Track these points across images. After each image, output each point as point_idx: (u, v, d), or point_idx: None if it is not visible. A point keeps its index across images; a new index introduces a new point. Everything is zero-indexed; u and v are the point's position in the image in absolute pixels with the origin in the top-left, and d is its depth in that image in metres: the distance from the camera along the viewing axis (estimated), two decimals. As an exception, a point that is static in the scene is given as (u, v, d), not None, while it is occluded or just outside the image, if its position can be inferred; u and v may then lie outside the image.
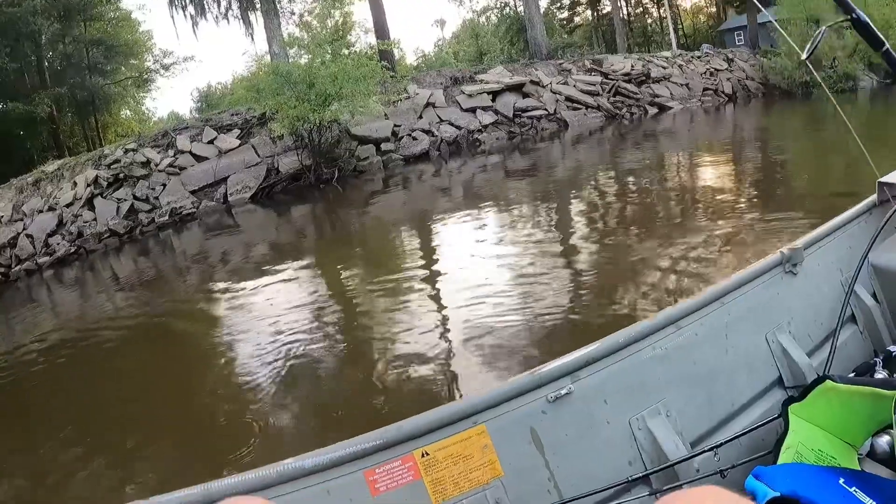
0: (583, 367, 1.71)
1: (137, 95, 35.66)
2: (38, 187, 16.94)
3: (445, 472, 1.52)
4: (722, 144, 15.45)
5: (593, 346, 1.75)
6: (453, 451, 1.54)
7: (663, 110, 22.96)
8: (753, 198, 8.86)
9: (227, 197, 17.04)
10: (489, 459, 1.56)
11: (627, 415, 1.74)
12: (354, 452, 1.47)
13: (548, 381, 1.66)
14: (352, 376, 5.18)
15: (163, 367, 6.67)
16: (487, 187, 13.95)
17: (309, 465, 1.43)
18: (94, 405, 5.83)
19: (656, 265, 6.21)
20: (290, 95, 16.23)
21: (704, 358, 1.91)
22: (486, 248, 8.29)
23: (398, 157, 18.68)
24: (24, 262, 14.69)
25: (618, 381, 1.75)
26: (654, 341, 1.83)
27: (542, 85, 22.15)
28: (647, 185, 11.36)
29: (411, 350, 5.32)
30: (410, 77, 21.97)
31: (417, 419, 1.54)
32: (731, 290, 2.04)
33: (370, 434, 1.51)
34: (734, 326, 2.00)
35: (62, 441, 5.01)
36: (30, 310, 11.72)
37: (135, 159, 17.30)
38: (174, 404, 5.49)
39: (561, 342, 4.75)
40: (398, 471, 1.49)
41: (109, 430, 5.08)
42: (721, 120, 21.15)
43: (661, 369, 1.82)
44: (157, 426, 5.01)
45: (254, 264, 10.76)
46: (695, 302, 1.95)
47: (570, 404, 1.67)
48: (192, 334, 7.89)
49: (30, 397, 6.62)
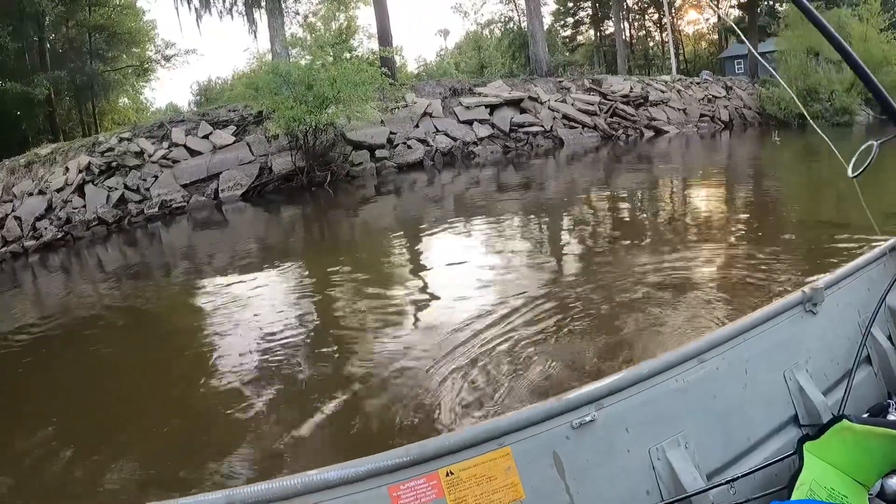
0: (607, 396, 1.74)
1: (137, 84, 35.57)
2: (30, 170, 16.88)
3: (468, 493, 1.53)
4: (715, 172, 15.54)
5: (618, 375, 1.78)
6: (477, 472, 1.55)
7: (659, 134, 23.10)
8: (739, 229, 8.93)
9: (218, 193, 17.01)
10: (512, 482, 1.57)
11: (647, 444, 1.77)
12: (379, 468, 1.48)
13: (573, 408, 1.69)
14: (324, 369, 5.31)
15: (140, 355, 6.72)
16: (479, 200, 13.98)
17: (333, 478, 1.44)
18: (72, 391, 5.88)
19: (638, 287, 6.28)
20: (287, 96, 16.26)
21: (724, 392, 1.94)
22: (470, 263, 8.30)
23: (392, 164, 18.72)
24: (10, 245, 14.60)
25: (640, 410, 1.78)
26: (677, 373, 1.86)
27: (540, 101, 22.25)
28: (637, 208, 11.47)
29: (386, 350, 5.49)
30: (409, 85, 22.02)
31: (443, 438, 1.56)
32: (753, 326, 2.07)
33: (396, 451, 1.52)
34: (754, 362, 2.03)
35: (34, 419, 5.10)
36: (13, 294, 11.67)
37: (129, 149, 17.27)
38: (149, 390, 5.59)
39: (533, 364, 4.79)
40: (422, 488, 1.50)
41: (84, 413, 5.18)
42: (716, 147, 21.31)
43: (682, 401, 1.85)
44: (130, 408, 5.12)
45: (240, 262, 10.79)
46: (718, 336, 1.98)
47: (594, 431, 1.70)
48: (171, 326, 7.87)
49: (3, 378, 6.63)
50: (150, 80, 36.27)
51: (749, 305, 5.32)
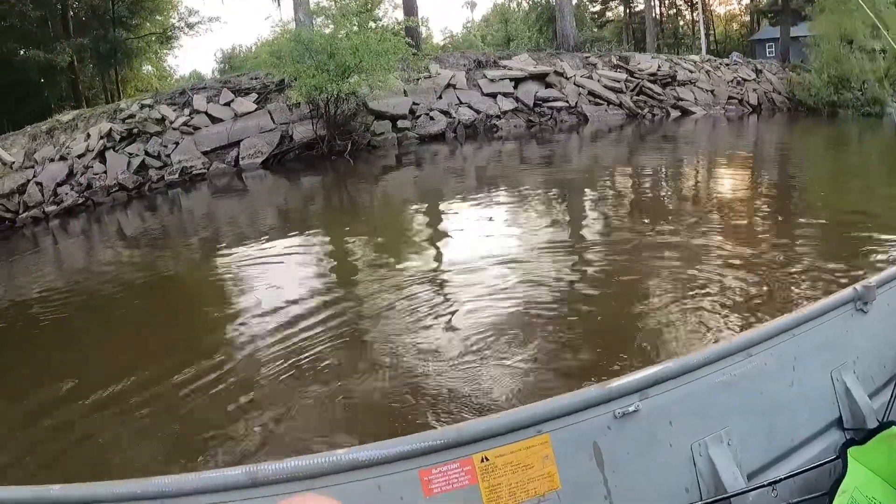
0: (652, 386, 1.67)
1: (160, 52, 35.52)
2: (52, 136, 16.88)
3: (503, 480, 1.48)
4: (742, 157, 15.13)
5: (664, 364, 1.72)
6: (513, 459, 1.50)
7: (686, 114, 22.72)
8: (764, 218, 8.67)
9: (238, 160, 17.00)
10: (549, 471, 1.53)
11: (690, 439, 1.71)
12: (411, 450, 1.44)
13: (616, 397, 1.63)
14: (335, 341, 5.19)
15: (154, 319, 6.74)
16: (501, 174, 13.84)
17: (363, 458, 1.41)
18: (85, 353, 5.94)
19: (660, 273, 6.12)
20: (309, 64, 16.09)
21: (770, 389, 1.89)
22: (490, 238, 8.17)
23: (413, 135, 18.59)
24: (31, 210, 14.64)
25: (684, 403, 1.72)
26: (724, 367, 1.80)
27: (565, 77, 21.94)
28: (660, 191, 11.23)
29: (397, 328, 5.37)
30: (433, 56, 21.78)
31: (479, 422, 1.51)
32: (803, 322, 2.00)
33: (429, 433, 1.48)
34: (802, 360, 1.97)
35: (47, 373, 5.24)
36: (34, 258, 11.74)
37: (150, 115, 17.26)
38: (159, 352, 5.55)
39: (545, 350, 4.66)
40: (455, 473, 1.46)
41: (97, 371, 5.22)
42: (743, 131, 20.87)
43: (727, 396, 1.79)
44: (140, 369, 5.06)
45: (258, 229, 10.82)
46: (766, 330, 1.91)
47: (636, 422, 1.64)
48: (188, 292, 7.91)
49: (21, 338, 6.68)
50: (173, 48, 36.18)
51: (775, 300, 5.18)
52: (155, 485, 1.35)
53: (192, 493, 1.35)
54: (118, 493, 1.36)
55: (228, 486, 1.36)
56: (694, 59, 26.68)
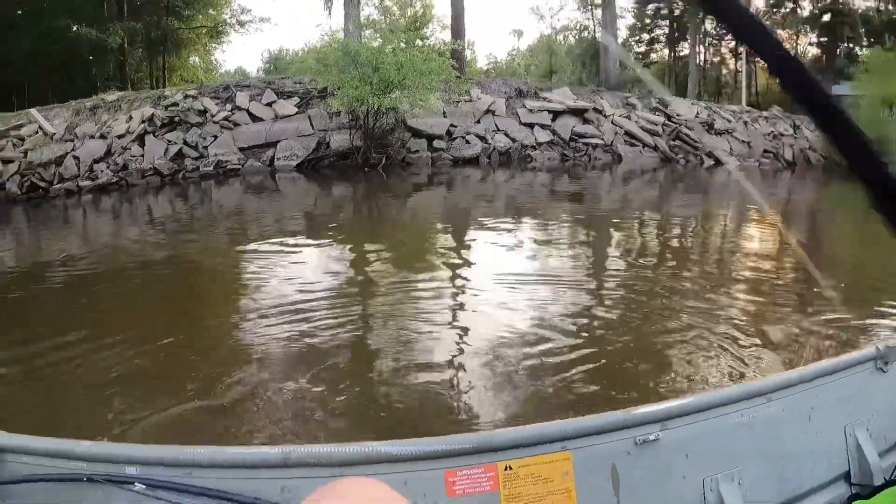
0: (673, 418, 1.71)
1: (208, 45, 35.99)
2: (95, 114, 17.20)
3: (523, 490, 1.52)
4: (772, 212, 14.95)
5: (686, 399, 1.76)
6: (535, 471, 1.54)
7: (719, 164, 22.63)
8: (788, 272, 8.60)
9: (273, 161, 17.24)
10: (566, 487, 1.56)
11: (703, 473, 1.73)
12: (440, 451, 1.49)
13: (639, 424, 1.67)
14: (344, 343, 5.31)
15: (172, 303, 6.98)
16: (530, 205, 13.87)
17: (394, 452, 1.46)
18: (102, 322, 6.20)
19: (678, 320, 6.09)
20: (354, 75, 16.31)
21: (785, 435, 1.92)
22: (513, 267, 8.14)
23: (448, 156, 18.72)
24: (65, 182, 14.95)
25: (702, 438, 1.75)
26: (744, 408, 1.84)
27: (604, 114, 22.00)
28: (688, 239, 11.17)
29: (410, 340, 5.43)
30: (476, 81, 21.93)
31: (507, 432, 1.56)
32: (823, 374, 2.03)
33: (459, 436, 1.54)
34: (819, 411, 2.00)
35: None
36: (63, 229, 12.02)
37: (192, 106, 17.57)
38: (171, 331, 5.73)
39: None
40: (479, 478, 1.50)
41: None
42: (777, 186, 20.62)
43: (744, 436, 1.82)
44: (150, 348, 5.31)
45: (284, 228, 11.03)
46: (787, 378, 1.95)
47: (655, 451, 1.67)
48: (207, 281, 8.13)
49: (40, 304, 6.93)
50: (222, 43, 36.70)
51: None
52: (187, 453, 1.41)
53: (225, 465, 1.40)
54: (149, 456, 1.42)
55: (260, 463, 1.41)
56: (733, 108, 26.62)
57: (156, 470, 1.40)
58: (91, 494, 1.40)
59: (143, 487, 1.35)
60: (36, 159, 15.00)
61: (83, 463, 1.42)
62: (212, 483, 1.38)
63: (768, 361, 5.04)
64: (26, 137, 15.56)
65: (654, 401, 1.77)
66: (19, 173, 14.67)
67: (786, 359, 5.14)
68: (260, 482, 1.40)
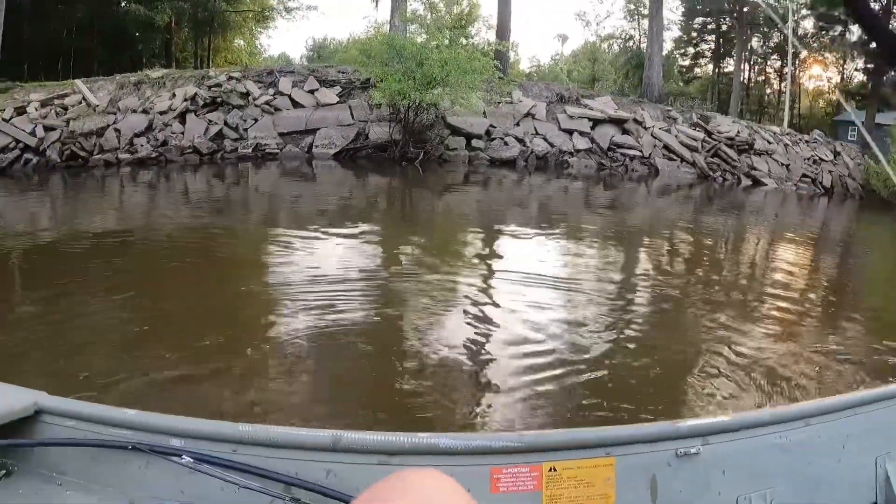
0: (715, 434, 1.71)
1: (254, 29, 36.37)
2: (139, 89, 17.44)
3: (564, 492, 1.53)
4: (807, 238, 14.55)
5: (727, 416, 1.76)
6: (578, 475, 1.55)
7: (757, 184, 22.39)
8: (819, 301, 8.47)
9: (311, 148, 17.39)
10: (607, 493, 1.57)
11: (738, 492, 1.73)
12: (488, 447, 1.49)
13: (682, 437, 1.67)
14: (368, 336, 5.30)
15: (200, 281, 7.01)
16: (564, 211, 13.84)
17: (442, 445, 1.46)
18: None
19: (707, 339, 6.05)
20: (397, 69, 16.37)
21: (819, 461, 1.89)
22: (543, 270, 8.10)
23: (485, 156, 18.73)
24: (105, 153, 15.23)
25: (740, 456, 1.74)
26: (782, 430, 1.83)
27: (644, 126, 21.86)
28: (720, 260, 11.01)
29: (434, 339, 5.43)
30: (518, 83, 21.89)
31: (555, 434, 1.57)
32: (862, 403, 2.01)
33: (507, 434, 1.54)
34: (853, 440, 1.97)
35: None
36: (99, 199, 12.31)
37: (235, 88, 17.78)
38: (197, 310, 5.86)
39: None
40: (524, 476, 1.51)
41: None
42: (813, 212, 20.32)
43: (779, 458, 1.82)
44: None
45: (319, 216, 11.08)
46: (825, 404, 1.94)
47: (694, 464, 1.67)
48: (237, 262, 8.17)
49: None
50: (268, 28, 37.06)
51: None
52: (234, 429, 1.40)
53: (271, 445, 1.41)
54: (196, 429, 1.41)
55: (308, 445, 1.41)
56: (774, 129, 26.30)
57: (201, 444, 1.40)
58: (134, 463, 1.42)
59: (190, 460, 1.36)
60: (78, 129, 15.28)
61: (127, 431, 1.43)
62: (257, 461, 1.39)
63: (805, 386, 4.99)
64: (70, 107, 15.84)
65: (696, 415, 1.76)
66: (60, 141, 14.93)
67: (818, 385, 5.08)
68: (306, 464, 1.41)
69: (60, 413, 1.47)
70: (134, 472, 1.42)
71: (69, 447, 1.43)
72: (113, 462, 1.43)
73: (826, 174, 24.77)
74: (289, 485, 1.38)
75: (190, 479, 1.38)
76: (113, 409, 1.44)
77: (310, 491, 1.38)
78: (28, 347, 4.64)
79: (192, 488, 1.39)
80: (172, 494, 1.40)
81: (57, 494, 1.41)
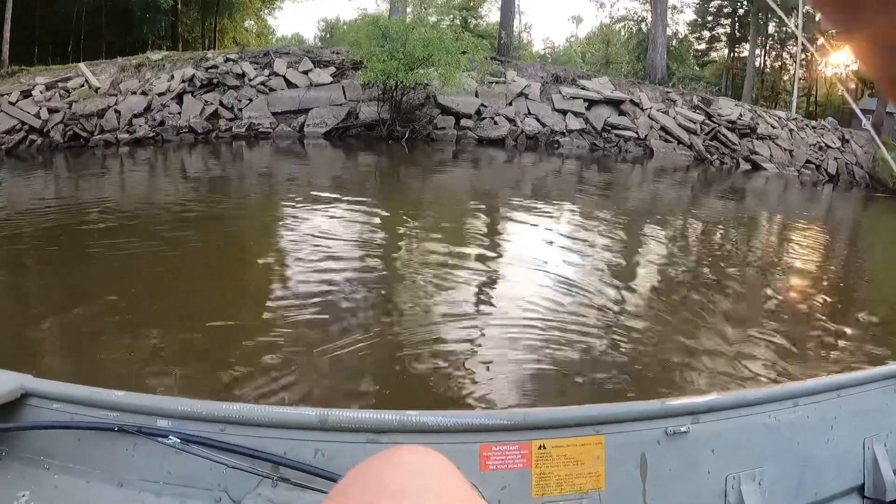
0: (705, 412, 1.74)
1: (261, 10, 36.52)
2: (139, 71, 17.77)
3: (554, 470, 1.54)
4: (808, 226, 13.79)
5: (716, 394, 1.80)
6: (567, 453, 1.56)
7: (756, 169, 22.10)
8: (818, 289, 8.39)
9: (303, 127, 17.63)
10: (596, 471, 1.58)
11: (727, 470, 1.75)
12: (477, 425, 1.51)
13: (671, 415, 1.69)
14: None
15: (198, 255, 7.49)
16: (556, 190, 13.96)
17: (430, 423, 1.46)
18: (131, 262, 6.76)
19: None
20: (382, 49, 16.61)
21: (808, 441, 1.93)
22: (534, 251, 8.25)
23: (473, 136, 18.82)
24: (105, 134, 15.61)
25: (730, 435, 1.78)
26: (772, 410, 1.86)
27: (641, 107, 21.73)
28: (717, 246, 10.83)
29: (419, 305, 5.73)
30: (513, 63, 21.90)
31: (544, 412, 1.57)
32: (850, 385, 2.05)
33: (496, 412, 1.62)
34: (841, 421, 2.01)
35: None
36: (100, 178, 12.84)
37: (231, 69, 18.07)
38: (195, 283, 6.34)
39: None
40: (512, 455, 1.51)
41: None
42: (816, 200, 19.79)
43: (768, 437, 1.85)
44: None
45: (311, 191, 11.53)
46: (814, 385, 1.98)
47: (684, 442, 1.69)
48: (234, 235, 8.59)
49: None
50: (274, 8, 37.21)
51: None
52: (222, 409, 1.41)
53: (259, 424, 1.41)
54: (183, 409, 1.41)
55: (295, 423, 1.42)
56: (779, 114, 25.92)
57: (188, 424, 1.40)
58: (121, 444, 1.41)
59: (177, 441, 1.35)
60: (80, 111, 15.67)
61: (114, 412, 1.42)
62: (245, 441, 1.39)
63: (794, 367, 5.11)
64: (72, 90, 16.21)
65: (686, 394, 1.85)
66: (63, 123, 15.36)
67: (812, 367, 5.19)
68: (294, 443, 1.41)
69: (47, 396, 1.46)
70: (121, 454, 1.41)
71: (56, 430, 1.42)
72: (100, 444, 1.42)
73: (832, 161, 24.21)
74: (277, 464, 1.39)
75: (177, 459, 1.38)
76: (100, 390, 1.45)
77: (298, 470, 1.38)
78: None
79: (180, 469, 1.39)
80: (160, 476, 1.40)
81: (45, 478, 1.42)
